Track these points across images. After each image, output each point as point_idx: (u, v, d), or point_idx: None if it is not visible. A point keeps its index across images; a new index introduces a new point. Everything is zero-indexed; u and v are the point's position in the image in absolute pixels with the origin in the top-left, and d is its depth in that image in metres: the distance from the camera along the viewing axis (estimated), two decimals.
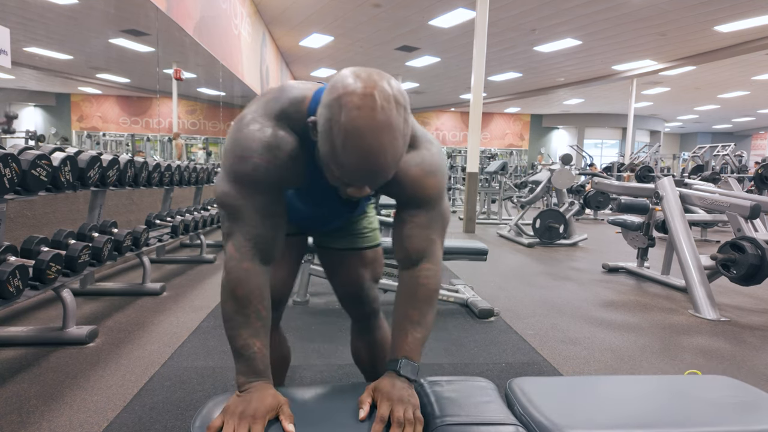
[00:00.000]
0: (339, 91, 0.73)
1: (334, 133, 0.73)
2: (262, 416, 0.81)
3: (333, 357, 2.11)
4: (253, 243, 0.89)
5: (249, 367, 0.88)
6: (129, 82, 13.40)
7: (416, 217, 0.96)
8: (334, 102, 0.73)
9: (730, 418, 0.93)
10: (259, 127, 0.87)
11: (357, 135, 0.71)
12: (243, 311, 0.88)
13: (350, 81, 0.74)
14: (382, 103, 0.72)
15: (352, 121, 0.71)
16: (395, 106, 0.74)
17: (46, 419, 1.54)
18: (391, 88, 0.75)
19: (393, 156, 0.75)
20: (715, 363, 2.20)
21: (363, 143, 0.72)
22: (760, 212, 3.08)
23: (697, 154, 9.83)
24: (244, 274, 0.88)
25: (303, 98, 0.89)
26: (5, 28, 2.35)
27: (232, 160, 0.88)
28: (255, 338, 0.89)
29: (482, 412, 0.91)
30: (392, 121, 0.73)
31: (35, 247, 2.16)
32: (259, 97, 0.93)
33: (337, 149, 0.73)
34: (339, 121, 0.72)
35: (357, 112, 0.71)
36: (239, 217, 0.89)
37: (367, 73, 0.75)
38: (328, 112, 0.74)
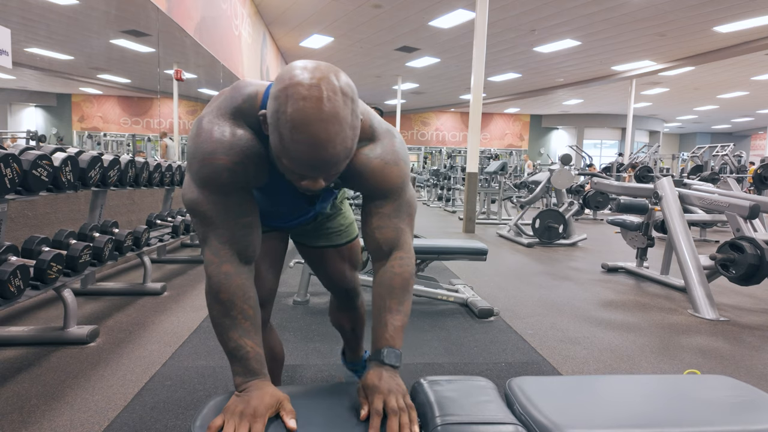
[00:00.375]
0: (286, 83, 0.73)
1: (282, 124, 0.73)
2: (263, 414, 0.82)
3: (333, 357, 2.11)
4: (229, 245, 0.89)
5: (244, 367, 0.88)
6: (130, 83, 13.40)
7: (382, 208, 0.97)
8: (281, 93, 0.73)
9: (729, 417, 0.93)
10: (218, 128, 0.87)
11: (304, 124, 0.71)
12: (229, 313, 0.89)
13: (297, 72, 0.74)
14: (329, 93, 0.72)
15: (299, 111, 0.71)
16: (342, 98, 0.74)
17: (47, 419, 1.55)
18: (338, 80, 0.75)
19: (342, 146, 0.75)
20: (714, 363, 2.21)
21: (310, 133, 0.72)
22: (759, 212, 3.08)
23: (696, 154, 9.84)
24: (224, 278, 0.89)
25: (256, 93, 0.89)
26: (6, 28, 2.35)
27: (196, 166, 0.87)
28: (246, 338, 0.89)
29: (482, 412, 0.91)
30: (339, 112, 0.73)
31: (36, 247, 2.17)
32: (214, 99, 0.93)
33: (286, 140, 0.73)
34: (286, 111, 0.72)
35: (303, 103, 0.71)
36: (211, 221, 0.89)
37: (314, 65, 0.76)
38: (275, 104, 0.74)
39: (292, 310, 2.79)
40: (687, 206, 3.52)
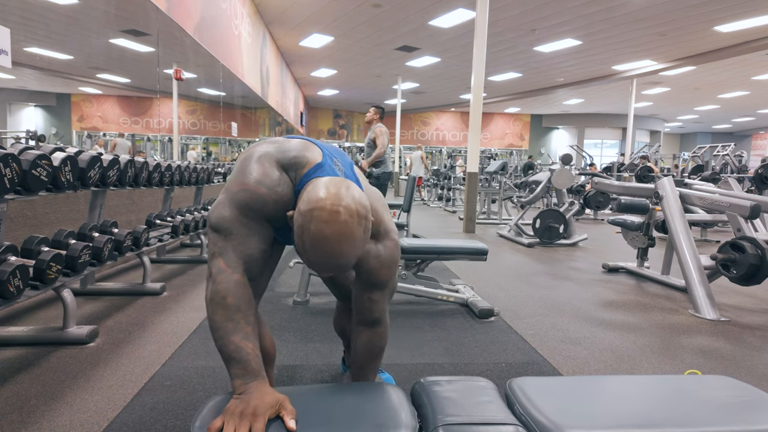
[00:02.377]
0: (312, 204, 0.89)
1: (305, 237, 0.89)
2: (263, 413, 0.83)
3: (333, 357, 2.11)
4: (243, 260, 1.00)
5: (244, 368, 0.91)
6: (129, 82, 13.40)
7: (372, 294, 1.18)
8: (306, 213, 0.89)
9: (730, 418, 0.93)
10: (269, 166, 1.03)
11: (322, 242, 0.87)
12: (233, 317, 0.94)
13: (321, 195, 0.90)
14: (346, 217, 0.88)
15: (320, 232, 0.87)
16: (356, 219, 0.90)
17: (46, 419, 1.55)
18: (354, 202, 0.91)
19: (351, 257, 0.91)
20: (714, 363, 2.20)
21: (327, 249, 0.88)
22: (760, 212, 3.08)
23: (697, 154, 9.83)
24: (234, 285, 0.96)
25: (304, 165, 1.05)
26: (6, 28, 2.35)
27: (238, 187, 1.01)
28: (246, 341, 0.93)
29: (482, 412, 0.91)
30: (353, 232, 0.89)
31: (36, 247, 2.16)
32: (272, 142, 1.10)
33: (307, 249, 0.89)
34: (309, 229, 0.88)
35: (324, 225, 0.87)
36: (233, 238, 1.00)
37: (336, 188, 0.91)
38: (301, 219, 0.90)
39: (291, 310, 2.79)
40: (688, 206, 3.52)
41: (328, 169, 1.06)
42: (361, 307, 1.21)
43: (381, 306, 1.20)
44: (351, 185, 0.95)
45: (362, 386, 1.06)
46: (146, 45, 8.51)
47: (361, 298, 1.19)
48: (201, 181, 4.37)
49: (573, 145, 13.87)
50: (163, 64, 8.69)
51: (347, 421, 0.86)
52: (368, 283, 1.17)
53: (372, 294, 1.18)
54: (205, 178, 4.48)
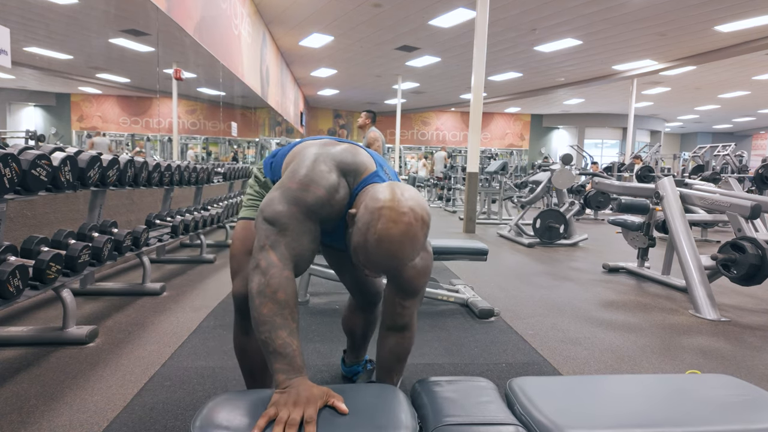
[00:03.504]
0: (382, 203, 0.93)
1: (370, 235, 0.91)
2: (314, 402, 0.86)
3: (333, 357, 2.11)
4: (293, 256, 1.00)
5: (290, 364, 0.92)
6: (129, 82, 13.40)
7: (405, 301, 1.23)
8: (375, 211, 0.92)
9: (731, 416, 0.92)
10: (328, 170, 1.04)
11: (388, 242, 0.90)
12: (282, 313, 0.95)
13: (389, 196, 0.94)
14: (412, 220, 0.91)
15: (387, 231, 0.90)
16: (421, 225, 0.93)
17: (46, 419, 1.54)
18: (420, 208, 0.94)
19: (409, 259, 0.95)
20: (715, 363, 2.20)
21: (391, 249, 0.91)
22: (760, 212, 3.08)
23: (697, 154, 9.83)
24: (285, 281, 0.97)
25: (362, 172, 1.08)
26: (5, 27, 2.34)
27: (298, 185, 1.02)
28: (293, 337, 0.94)
29: (482, 412, 0.91)
30: (417, 236, 0.92)
31: (35, 247, 2.16)
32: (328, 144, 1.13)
33: (369, 247, 0.92)
34: (377, 227, 0.91)
35: (393, 225, 0.90)
36: (289, 234, 1.00)
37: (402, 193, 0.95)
38: (369, 217, 0.93)
39: None
40: (688, 206, 3.52)
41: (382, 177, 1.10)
42: (392, 313, 1.25)
43: (411, 312, 1.25)
44: (414, 190, 0.99)
45: (362, 387, 1.06)
46: (146, 45, 8.51)
47: (393, 303, 1.24)
48: (201, 181, 4.36)
49: (573, 145, 13.87)
50: (163, 63, 8.69)
51: (347, 421, 0.86)
52: (403, 290, 1.21)
53: (405, 301, 1.23)
54: (205, 178, 4.48)
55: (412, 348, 1.31)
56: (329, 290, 3.22)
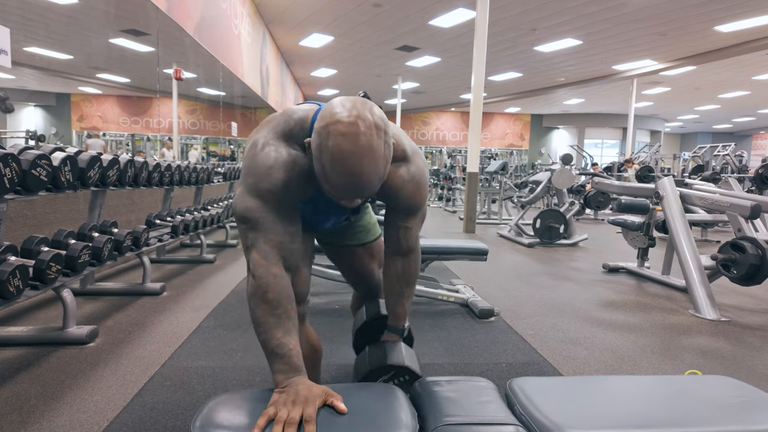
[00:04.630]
0: (327, 120, 0.85)
1: (324, 157, 0.84)
2: (313, 401, 0.86)
3: (333, 357, 2.11)
4: (278, 250, 0.98)
5: (287, 364, 0.92)
6: (129, 82, 13.40)
7: (408, 221, 1.18)
8: (322, 129, 0.85)
9: (730, 418, 0.92)
10: (274, 148, 0.99)
11: (342, 158, 0.83)
12: (275, 312, 0.94)
13: (337, 110, 0.85)
14: (364, 129, 0.83)
15: (338, 146, 0.83)
16: (376, 132, 0.85)
17: (46, 419, 1.54)
18: (372, 115, 0.86)
19: (375, 174, 0.86)
20: (715, 363, 2.20)
21: (348, 165, 0.83)
22: (760, 212, 3.08)
23: (697, 154, 9.83)
24: (273, 279, 0.95)
25: (305, 118, 1.02)
26: (5, 27, 2.34)
27: (254, 178, 0.98)
28: (288, 337, 0.94)
29: (482, 412, 0.91)
30: (373, 145, 0.84)
31: (35, 247, 2.16)
32: (266, 123, 1.06)
33: (327, 170, 0.85)
34: (327, 146, 0.83)
35: (342, 138, 0.82)
36: (262, 227, 0.98)
37: (352, 103, 0.87)
38: (318, 138, 0.86)
39: None
40: (688, 206, 3.52)
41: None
42: (395, 237, 1.20)
43: (415, 233, 1.21)
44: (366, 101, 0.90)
45: (362, 386, 1.06)
46: (146, 45, 8.51)
47: (396, 228, 1.19)
48: (201, 181, 4.37)
49: (573, 145, 13.87)
50: (163, 63, 8.69)
51: (346, 421, 0.86)
52: (405, 210, 1.16)
53: (407, 221, 1.18)
54: (205, 178, 4.48)
55: (418, 270, 1.26)
56: (329, 290, 3.22)
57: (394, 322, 1.25)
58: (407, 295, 1.25)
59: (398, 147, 1.08)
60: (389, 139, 0.89)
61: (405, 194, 1.11)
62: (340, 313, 2.75)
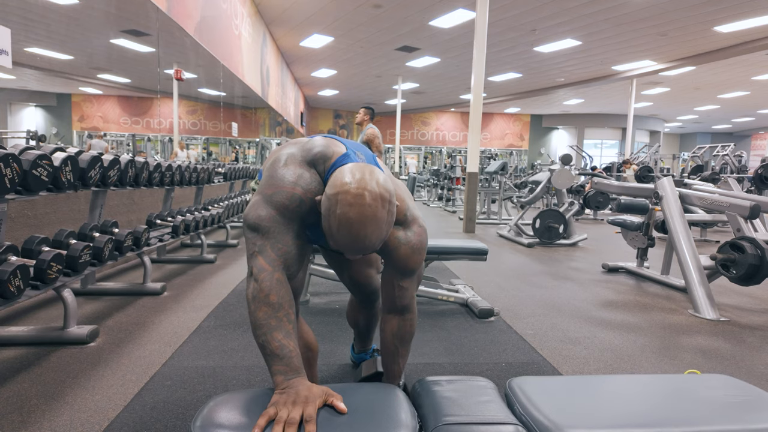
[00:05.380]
0: (337, 188, 0.93)
1: (331, 221, 0.93)
2: (313, 401, 0.87)
3: (333, 357, 2.11)
4: (283, 258, 1.03)
5: (287, 365, 0.94)
6: (130, 83, 13.41)
7: (403, 282, 1.22)
8: (332, 197, 0.93)
9: (729, 416, 0.93)
10: (298, 166, 1.08)
11: (348, 225, 0.91)
12: (276, 315, 0.97)
13: (347, 179, 0.94)
14: (370, 201, 0.92)
15: (345, 215, 0.91)
16: (380, 202, 0.93)
17: (46, 419, 1.55)
18: (378, 186, 0.94)
19: (377, 239, 0.95)
20: (714, 363, 2.21)
21: (352, 231, 0.92)
22: (759, 212, 3.08)
23: (696, 154, 9.83)
24: (276, 283, 0.99)
25: (330, 157, 1.09)
26: (6, 28, 2.35)
27: (273, 189, 1.05)
28: (288, 339, 0.96)
29: (482, 412, 0.91)
30: (377, 215, 0.93)
31: (36, 247, 2.17)
32: (294, 143, 1.14)
33: (333, 232, 0.94)
34: (335, 212, 0.92)
35: (348, 208, 0.91)
36: (272, 236, 1.03)
37: (361, 173, 0.95)
38: (327, 202, 0.94)
39: None
40: (687, 206, 3.52)
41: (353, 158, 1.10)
42: (391, 295, 1.24)
43: (410, 293, 1.24)
44: (375, 170, 0.99)
45: (362, 386, 1.06)
46: (146, 45, 8.51)
47: (391, 286, 1.23)
48: (201, 181, 4.37)
49: (573, 145, 13.87)
50: (164, 64, 8.70)
51: (346, 420, 0.86)
52: (399, 270, 1.20)
53: (402, 281, 1.22)
54: (205, 178, 4.48)
55: (414, 331, 1.30)
56: (329, 290, 3.22)
57: (389, 380, 1.30)
58: (402, 354, 1.29)
59: (401, 210, 1.15)
60: (392, 207, 0.97)
61: (399, 256, 1.17)
62: (340, 313, 2.75)
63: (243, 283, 3.41)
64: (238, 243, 5.01)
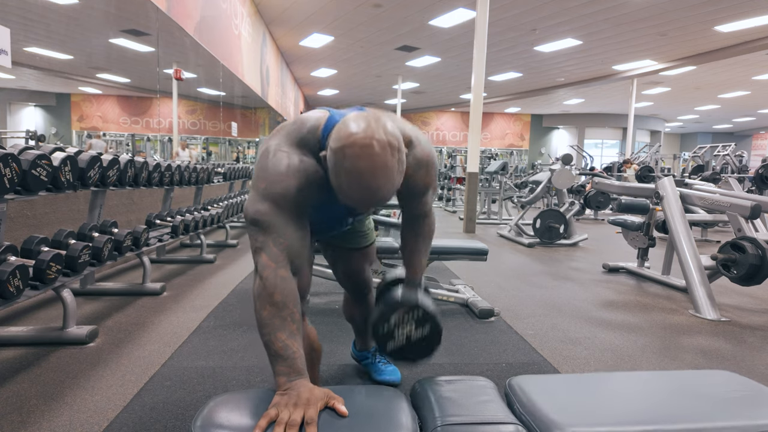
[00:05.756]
0: (342, 141, 0.88)
1: (340, 175, 0.89)
2: (315, 403, 0.86)
3: (333, 357, 2.11)
4: (286, 253, 1.00)
5: (290, 366, 0.92)
6: (129, 82, 13.40)
7: (425, 197, 1.25)
8: (338, 150, 0.89)
9: (731, 412, 0.92)
10: (287, 154, 1.03)
11: (359, 178, 0.87)
12: (280, 314, 0.95)
13: (352, 130, 0.89)
14: (379, 150, 0.87)
15: (355, 167, 0.87)
16: (389, 150, 0.89)
17: (46, 419, 1.54)
18: (386, 134, 0.89)
19: (390, 188, 0.91)
20: (715, 363, 2.20)
21: (364, 183, 0.88)
22: (760, 212, 3.08)
23: (697, 154, 9.83)
24: (280, 281, 0.97)
25: (317, 126, 1.05)
26: (6, 28, 2.34)
27: (266, 183, 1.01)
28: (292, 339, 0.95)
29: (482, 412, 0.91)
30: (387, 163, 0.89)
31: (35, 247, 2.16)
32: (279, 130, 1.10)
33: (344, 186, 0.90)
34: (344, 166, 0.88)
35: (357, 160, 0.87)
36: (272, 231, 1.00)
37: (366, 123, 0.90)
38: (333, 157, 0.90)
39: None
40: (688, 206, 3.52)
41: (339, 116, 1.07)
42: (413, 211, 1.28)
43: (430, 202, 1.29)
44: (380, 116, 0.94)
45: (363, 388, 1.06)
46: (146, 45, 8.51)
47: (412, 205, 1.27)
48: (201, 181, 4.37)
49: (573, 145, 13.86)
50: (163, 63, 8.69)
51: (347, 423, 0.86)
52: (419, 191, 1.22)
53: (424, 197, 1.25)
54: (205, 178, 4.48)
55: (434, 231, 1.33)
56: (329, 290, 3.22)
57: (411, 275, 1.31)
58: (424, 249, 1.31)
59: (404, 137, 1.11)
60: (402, 154, 0.93)
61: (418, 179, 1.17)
62: (341, 313, 2.75)
63: (243, 283, 3.41)
64: (238, 243, 5.01)
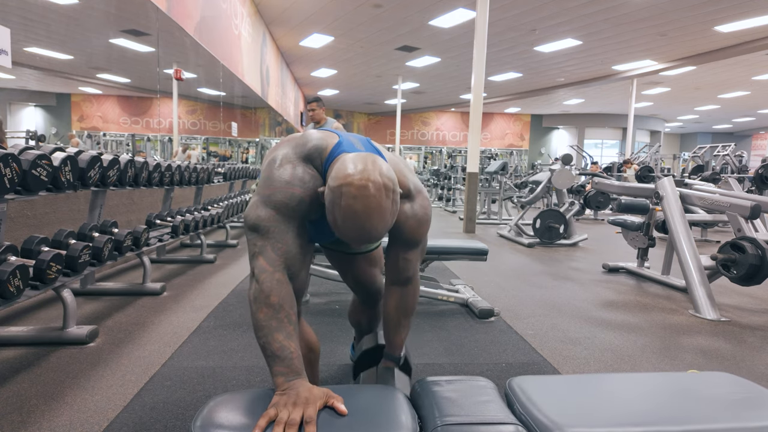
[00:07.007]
0: (340, 180, 0.93)
1: (336, 213, 0.93)
2: (314, 402, 0.87)
3: (333, 357, 2.11)
4: (284, 258, 1.02)
5: (288, 367, 0.93)
6: (129, 82, 13.40)
7: (408, 254, 1.23)
8: (336, 189, 0.93)
9: (731, 414, 0.92)
10: (292, 165, 1.07)
11: (353, 217, 0.92)
12: (277, 316, 0.96)
13: (349, 171, 0.93)
14: (374, 192, 0.91)
15: (350, 207, 0.91)
16: (384, 192, 0.93)
17: (46, 419, 1.55)
18: (381, 176, 0.93)
19: (382, 228, 0.95)
20: (715, 363, 2.20)
21: (357, 222, 0.92)
22: (760, 212, 3.08)
23: (697, 154, 9.83)
24: (277, 284, 0.98)
25: (324, 148, 1.09)
26: (6, 28, 2.35)
27: (270, 190, 1.04)
28: (290, 340, 0.96)
29: (482, 412, 0.91)
30: (381, 205, 0.92)
31: (36, 247, 2.16)
32: (287, 141, 1.14)
33: (339, 224, 0.94)
34: (340, 204, 0.92)
35: (353, 200, 0.91)
36: (272, 236, 1.02)
37: (363, 164, 0.94)
38: (331, 195, 0.94)
39: None
40: (688, 206, 3.52)
41: (347, 145, 1.10)
42: (395, 267, 1.25)
43: (414, 265, 1.26)
44: (377, 159, 0.98)
45: (362, 388, 1.06)
46: (146, 45, 8.51)
47: (396, 258, 1.24)
48: (201, 181, 4.37)
49: (573, 145, 13.86)
50: (163, 64, 8.70)
51: (347, 422, 0.86)
52: (405, 243, 1.21)
53: (407, 254, 1.23)
54: (205, 178, 4.48)
55: (416, 303, 1.31)
56: (329, 290, 3.22)
57: (391, 350, 1.31)
58: (404, 325, 1.30)
59: (403, 185, 1.14)
60: (396, 195, 0.97)
61: (407, 229, 1.17)
62: (340, 313, 2.75)
63: (243, 283, 3.41)
64: (238, 243, 5.01)
